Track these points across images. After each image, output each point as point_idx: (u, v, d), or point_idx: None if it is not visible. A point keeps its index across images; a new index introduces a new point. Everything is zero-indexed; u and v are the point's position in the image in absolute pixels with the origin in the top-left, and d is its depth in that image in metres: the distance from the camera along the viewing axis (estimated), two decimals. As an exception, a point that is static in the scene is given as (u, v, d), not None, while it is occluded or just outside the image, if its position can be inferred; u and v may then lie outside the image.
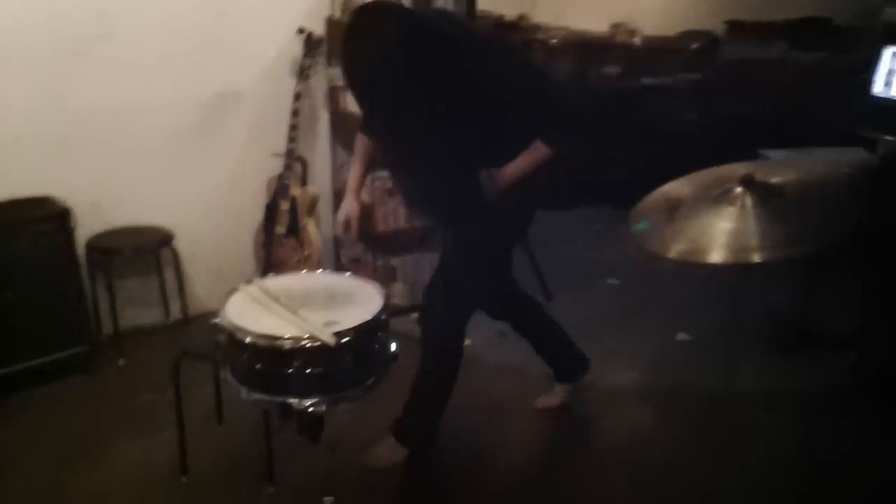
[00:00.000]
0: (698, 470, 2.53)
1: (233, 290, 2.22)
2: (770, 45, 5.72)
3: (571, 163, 2.49)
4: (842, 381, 3.37)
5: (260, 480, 2.65)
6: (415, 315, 3.96)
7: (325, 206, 4.07)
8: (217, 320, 2.08)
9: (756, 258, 1.83)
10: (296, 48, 3.81)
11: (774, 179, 1.93)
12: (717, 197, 1.96)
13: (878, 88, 4.07)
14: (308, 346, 1.96)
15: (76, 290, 3.35)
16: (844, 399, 3.26)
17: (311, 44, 3.80)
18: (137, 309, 3.71)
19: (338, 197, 4.03)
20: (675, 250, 1.95)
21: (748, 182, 1.90)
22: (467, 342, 3.71)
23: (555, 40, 6.17)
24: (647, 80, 6.00)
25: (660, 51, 6.03)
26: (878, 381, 3.25)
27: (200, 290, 3.86)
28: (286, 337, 1.97)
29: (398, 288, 3.91)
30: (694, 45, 5.92)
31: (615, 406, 3.27)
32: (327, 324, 2.02)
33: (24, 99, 3.29)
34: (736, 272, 2.05)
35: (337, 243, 4.06)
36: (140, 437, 2.97)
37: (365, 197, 3.18)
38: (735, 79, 5.72)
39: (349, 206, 2.70)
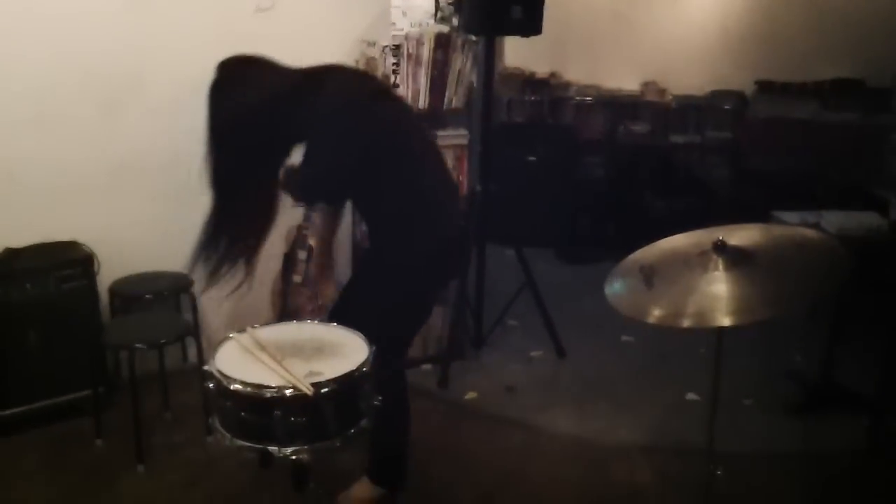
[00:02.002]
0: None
1: (225, 339, 2.30)
2: (802, 104, 5.74)
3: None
4: (856, 445, 3.30)
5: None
6: (427, 366, 4.02)
7: (341, 257, 4.14)
8: (206, 367, 2.16)
9: (726, 322, 1.85)
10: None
11: (746, 244, 1.95)
12: (693, 262, 1.99)
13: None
14: (289, 395, 2.02)
15: (97, 333, 3.47)
16: (856, 463, 3.20)
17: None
18: (156, 352, 3.79)
19: (356, 249, 4.13)
20: (654, 315, 1.98)
21: (720, 248, 1.93)
22: (473, 395, 3.77)
23: (588, 98, 6.26)
24: (675, 138, 6.07)
25: (690, 109, 6.08)
26: (893, 446, 3.20)
27: (219, 334, 3.94)
28: (269, 386, 2.04)
29: (411, 339, 3.95)
30: (725, 106, 5.96)
31: (618, 462, 3.26)
32: (310, 374, 2.08)
33: (57, 151, 3.47)
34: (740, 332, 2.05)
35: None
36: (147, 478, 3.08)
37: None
38: (765, 137, 5.75)
39: None
